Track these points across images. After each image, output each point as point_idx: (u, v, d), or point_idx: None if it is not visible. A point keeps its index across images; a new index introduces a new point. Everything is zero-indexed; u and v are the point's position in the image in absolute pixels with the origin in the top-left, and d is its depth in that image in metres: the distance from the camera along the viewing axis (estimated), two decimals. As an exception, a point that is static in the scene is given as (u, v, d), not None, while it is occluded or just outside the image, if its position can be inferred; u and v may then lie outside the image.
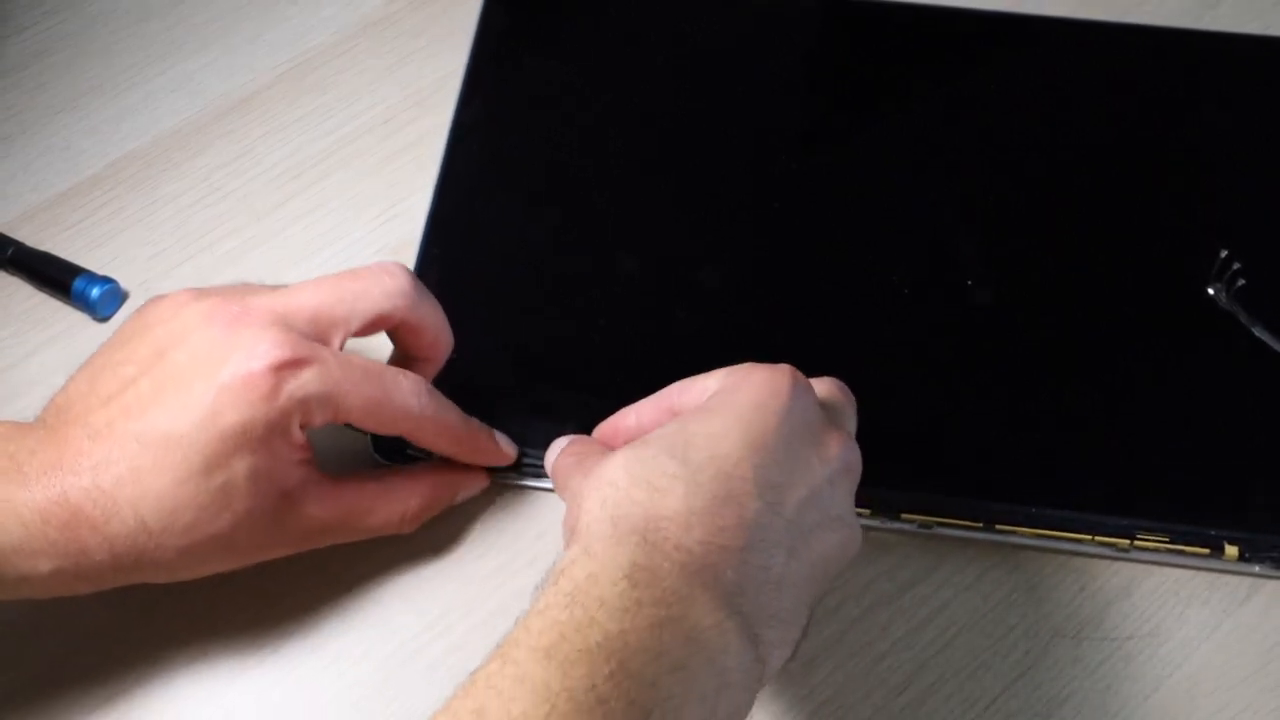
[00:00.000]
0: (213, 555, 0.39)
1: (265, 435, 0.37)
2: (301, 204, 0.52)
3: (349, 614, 0.43)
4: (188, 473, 0.37)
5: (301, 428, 0.38)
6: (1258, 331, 0.46)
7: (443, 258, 0.49)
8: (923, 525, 0.44)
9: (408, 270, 0.41)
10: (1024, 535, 0.44)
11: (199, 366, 0.37)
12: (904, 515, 0.44)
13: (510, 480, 0.45)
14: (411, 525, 0.43)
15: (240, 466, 0.37)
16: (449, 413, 0.42)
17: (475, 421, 0.43)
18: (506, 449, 0.44)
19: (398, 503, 0.42)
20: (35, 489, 0.36)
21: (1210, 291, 0.48)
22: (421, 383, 0.41)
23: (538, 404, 0.46)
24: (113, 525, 0.36)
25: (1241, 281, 0.47)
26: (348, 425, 0.41)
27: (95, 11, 0.58)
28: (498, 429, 0.45)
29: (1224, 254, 0.48)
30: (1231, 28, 0.56)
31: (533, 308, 0.48)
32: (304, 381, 0.37)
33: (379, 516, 0.42)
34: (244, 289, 0.40)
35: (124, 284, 0.50)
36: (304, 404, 0.38)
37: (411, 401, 0.40)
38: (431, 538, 0.45)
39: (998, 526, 0.44)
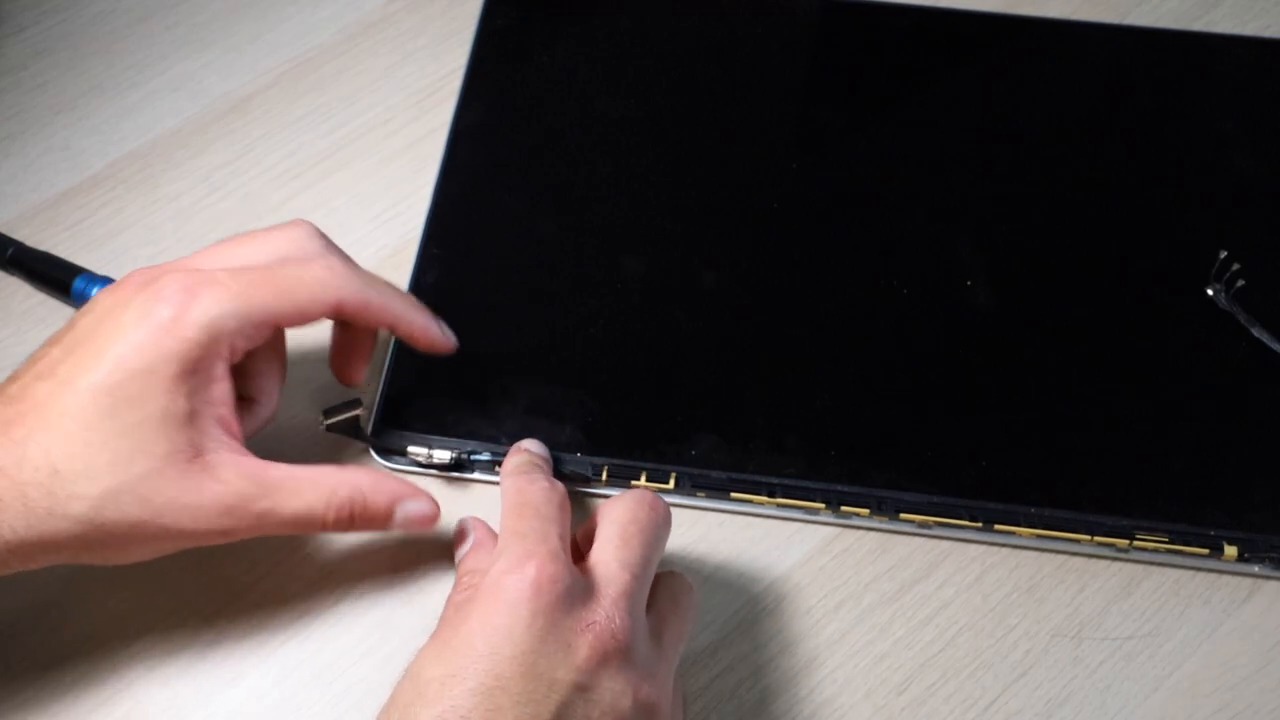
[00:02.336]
0: (125, 518, 0.37)
1: (178, 372, 0.37)
2: (302, 204, 0.52)
3: (349, 614, 0.43)
4: (98, 415, 0.36)
5: (230, 356, 0.38)
6: (1256, 332, 0.46)
7: (442, 258, 0.49)
8: (922, 525, 0.44)
9: (318, 233, 0.41)
10: (1024, 535, 0.44)
11: (106, 321, 0.38)
12: (904, 515, 0.44)
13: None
14: (337, 520, 0.39)
15: (152, 407, 0.37)
16: (378, 286, 0.41)
17: (411, 301, 0.43)
18: (448, 336, 0.44)
19: (325, 489, 0.39)
20: None
21: (1210, 292, 0.48)
22: (335, 260, 0.40)
23: (537, 403, 0.46)
24: (25, 472, 0.36)
25: (1241, 282, 0.47)
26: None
27: (96, 11, 0.58)
28: (496, 429, 0.45)
29: (1223, 255, 0.48)
30: (1231, 29, 0.56)
31: (532, 307, 0.48)
32: (205, 305, 0.37)
33: (303, 500, 0.39)
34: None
35: (124, 284, 0.50)
36: (212, 328, 0.37)
37: (326, 279, 0.39)
38: (432, 538, 0.45)
39: (997, 526, 0.44)
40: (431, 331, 0.43)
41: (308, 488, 0.39)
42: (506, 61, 0.55)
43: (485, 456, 0.45)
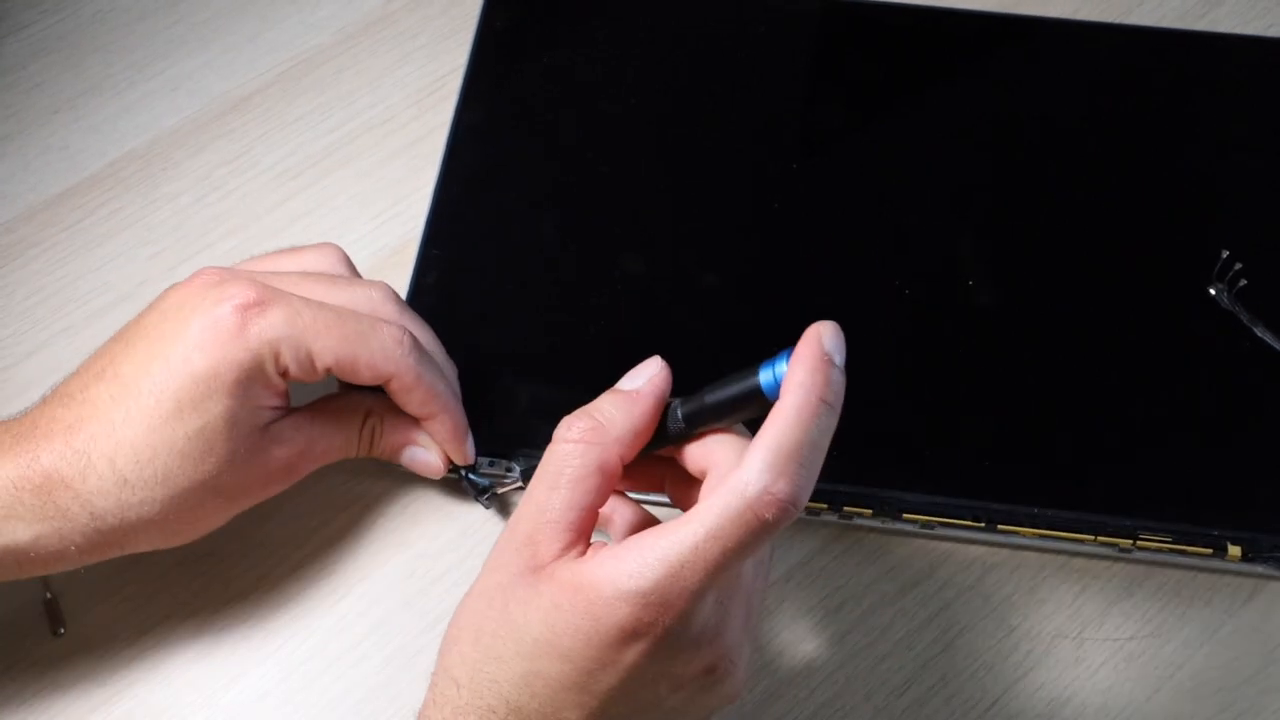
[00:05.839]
0: (201, 505, 0.38)
1: (239, 378, 0.37)
2: (301, 203, 0.52)
3: (350, 616, 0.43)
4: (161, 418, 0.36)
5: (283, 376, 0.38)
6: (1259, 331, 0.46)
7: (442, 258, 0.49)
8: (924, 525, 0.44)
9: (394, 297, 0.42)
10: (1026, 535, 0.44)
11: (168, 320, 0.38)
12: (905, 515, 0.44)
13: (508, 485, 0.45)
14: (360, 449, 0.42)
15: (215, 409, 0.37)
16: (433, 376, 0.41)
17: (458, 404, 0.42)
18: (469, 449, 0.43)
19: (351, 425, 0.42)
20: (7, 461, 0.36)
21: (1212, 292, 0.48)
22: (407, 335, 0.40)
23: (536, 404, 0.46)
24: (89, 482, 0.36)
25: (1243, 282, 0.47)
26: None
27: (94, 10, 0.58)
28: (494, 429, 0.45)
29: (1225, 254, 0.48)
30: (1232, 28, 0.56)
31: (532, 307, 0.48)
32: (271, 322, 0.37)
33: (336, 438, 0.41)
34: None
35: (123, 284, 0.50)
36: (273, 346, 0.37)
37: (391, 349, 0.39)
38: (431, 540, 0.44)
39: (999, 527, 0.44)
40: (458, 442, 0.42)
41: (334, 429, 0.41)
42: (506, 61, 0.55)
43: (484, 467, 0.45)
